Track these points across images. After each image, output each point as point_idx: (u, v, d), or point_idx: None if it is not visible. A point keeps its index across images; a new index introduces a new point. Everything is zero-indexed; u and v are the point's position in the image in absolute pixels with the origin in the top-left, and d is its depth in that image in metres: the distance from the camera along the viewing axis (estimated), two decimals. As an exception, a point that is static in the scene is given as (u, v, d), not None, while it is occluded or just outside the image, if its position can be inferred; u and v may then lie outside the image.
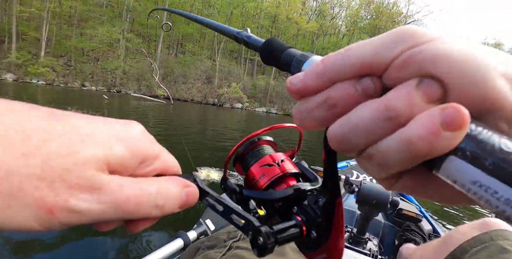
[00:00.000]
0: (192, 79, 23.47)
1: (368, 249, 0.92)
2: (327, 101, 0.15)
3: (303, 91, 0.16)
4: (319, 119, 0.16)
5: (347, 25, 34.21)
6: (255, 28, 28.34)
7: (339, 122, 0.15)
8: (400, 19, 31.45)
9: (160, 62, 24.35)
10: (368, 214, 0.91)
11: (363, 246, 0.94)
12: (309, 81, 0.16)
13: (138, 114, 8.54)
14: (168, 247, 0.78)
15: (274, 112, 24.94)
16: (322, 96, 0.16)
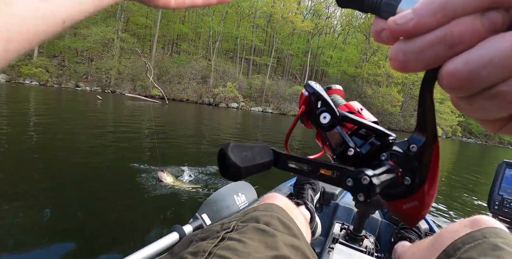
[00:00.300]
0: (187, 79, 23.40)
1: (365, 247, 0.93)
2: (447, 39, 0.14)
3: (415, 30, 0.15)
4: (431, 58, 0.15)
5: (342, 24, 34.33)
6: (250, 28, 28.33)
7: (464, 59, 0.13)
8: (395, 19, 31.66)
9: (155, 62, 24.24)
10: (365, 212, 0.91)
11: (359, 244, 0.94)
12: (425, 18, 0.14)
13: (132, 114, 8.49)
14: (163, 240, 0.78)
15: (270, 111, 24.96)
16: (440, 33, 0.14)
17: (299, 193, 1.10)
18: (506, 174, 0.87)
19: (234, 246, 0.45)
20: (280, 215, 0.55)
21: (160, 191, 2.30)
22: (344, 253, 0.77)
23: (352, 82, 29.87)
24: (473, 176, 6.67)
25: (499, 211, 0.85)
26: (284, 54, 32.21)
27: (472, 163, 10.43)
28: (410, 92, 30.72)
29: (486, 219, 0.57)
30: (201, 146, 4.73)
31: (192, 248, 0.47)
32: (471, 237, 0.53)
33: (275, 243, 0.47)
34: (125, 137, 4.49)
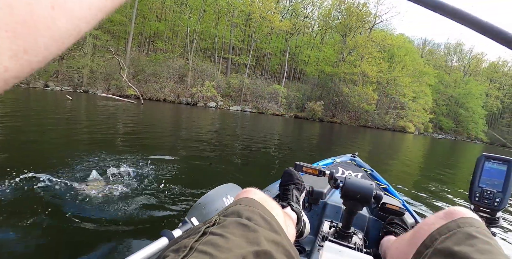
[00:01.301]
0: (164, 78, 22.93)
1: (354, 243, 0.94)
2: None
3: None
4: None
5: (319, 24, 34.86)
6: (228, 26, 28.16)
7: None
8: (370, 19, 32.52)
9: (130, 61, 23.57)
10: (353, 209, 0.92)
11: (349, 240, 0.95)
12: None
13: (105, 114, 8.24)
14: (152, 246, 0.76)
15: (249, 110, 24.98)
16: None
17: (284, 194, 1.10)
18: (485, 167, 0.89)
19: (216, 241, 0.44)
20: (261, 211, 0.56)
21: (148, 197, 2.22)
22: (334, 250, 0.78)
23: (329, 81, 30.46)
24: (448, 169, 7.01)
25: (479, 202, 0.88)
26: (263, 53, 32.30)
27: (445, 157, 10.96)
28: (384, 90, 31.75)
29: (460, 210, 0.60)
30: (177, 146, 4.59)
31: (175, 246, 0.46)
32: (447, 228, 0.56)
33: (256, 238, 0.47)
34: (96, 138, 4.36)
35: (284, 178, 1.16)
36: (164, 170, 3.03)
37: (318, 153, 6.33)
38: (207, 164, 3.58)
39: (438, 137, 36.76)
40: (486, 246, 0.48)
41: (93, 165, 2.82)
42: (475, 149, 21.66)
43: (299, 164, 1.02)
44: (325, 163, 2.04)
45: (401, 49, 32.90)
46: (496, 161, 0.88)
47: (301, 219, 0.96)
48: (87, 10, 0.17)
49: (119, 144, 4.05)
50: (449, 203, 3.60)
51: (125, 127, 6.13)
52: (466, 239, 0.51)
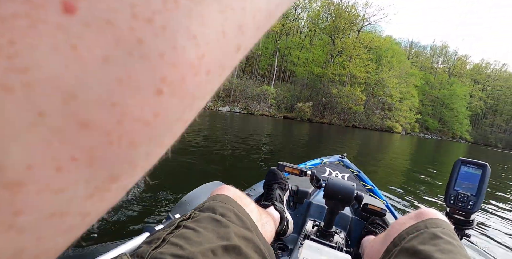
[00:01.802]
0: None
1: (335, 242, 0.96)
2: None
3: None
4: None
5: (309, 26, 35.14)
6: (218, 27, 28.07)
7: None
8: (358, 21, 32.99)
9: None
10: (334, 208, 0.93)
11: (330, 239, 0.97)
12: None
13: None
14: (133, 241, 0.75)
15: (238, 111, 25.01)
16: None
17: (268, 193, 1.11)
18: (461, 171, 0.92)
19: (188, 235, 0.46)
20: (236, 208, 0.58)
21: (133, 195, 2.20)
22: (312, 248, 0.80)
23: (318, 82, 30.77)
24: (434, 169, 7.13)
25: (454, 205, 0.89)
26: (252, 54, 32.38)
27: (432, 157, 11.18)
28: (372, 91, 32.30)
29: (430, 211, 0.63)
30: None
31: (148, 238, 0.48)
32: (415, 228, 0.59)
33: (227, 233, 0.49)
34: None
35: (268, 178, 1.18)
36: (151, 169, 3.07)
37: (307, 153, 6.40)
38: (194, 163, 3.59)
39: (424, 137, 37.63)
40: (448, 246, 0.51)
41: None
42: (460, 148, 22.25)
43: (282, 164, 1.03)
44: (313, 164, 2.05)
45: (389, 51, 33.49)
46: (472, 166, 0.91)
47: (284, 218, 0.98)
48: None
49: None
50: (432, 204, 3.68)
51: None
52: (430, 239, 0.53)
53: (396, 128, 31.95)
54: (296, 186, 1.34)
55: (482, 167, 0.89)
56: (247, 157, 4.68)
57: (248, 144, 6.15)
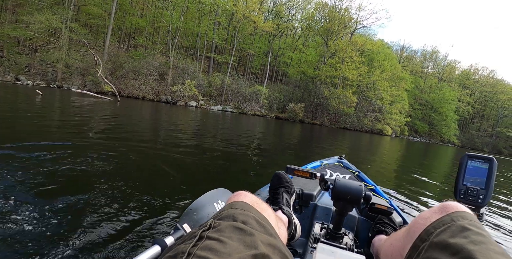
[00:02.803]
0: (144, 75, 22.39)
1: (345, 244, 0.94)
2: None
3: None
4: None
5: (302, 27, 35.28)
6: (211, 25, 27.94)
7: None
8: (351, 24, 33.27)
9: (108, 56, 22.86)
10: (343, 210, 0.92)
11: (340, 241, 0.96)
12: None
13: (75, 111, 7.92)
14: (144, 254, 0.73)
15: (230, 110, 24.86)
16: None
17: (274, 197, 1.10)
18: (468, 166, 0.92)
19: (214, 246, 0.44)
20: (255, 214, 0.56)
21: (135, 204, 2.07)
22: (327, 251, 0.78)
23: (310, 83, 30.88)
24: (425, 170, 7.29)
25: (464, 199, 0.90)
26: (246, 54, 32.30)
27: (422, 159, 11.39)
28: (363, 93, 32.59)
29: (453, 204, 0.62)
30: (157, 148, 4.35)
31: (171, 252, 0.45)
32: (441, 222, 0.57)
33: (253, 242, 0.47)
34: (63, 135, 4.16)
35: (274, 182, 1.17)
36: (146, 174, 2.86)
37: (303, 154, 6.36)
38: (191, 168, 3.46)
39: (414, 140, 38.17)
40: (479, 237, 0.50)
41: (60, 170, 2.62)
42: (447, 151, 22.66)
43: (290, 167, 1.02)
44: (313, 166, 2.06)
45: (380, 54, 33.90)
46: (479, 160, 0.91)
47: (292, 222, 0.96)
48: None
49: (91, 147, 3.74)
50: (430, 201, 3.72)
51: (98, 126, 5.78)
52: (460, 232, 0.52)
53: (386, 130, 32.31)
54: (301, 189, 1.32)
55: (489, 161, 0.90)
56: (244, 160, 4.57)
57: (244, 146, 6.03)
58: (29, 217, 1.68)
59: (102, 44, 25.12)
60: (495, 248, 0.48)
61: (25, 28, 20.20)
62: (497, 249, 0.48)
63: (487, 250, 0.47)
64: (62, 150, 3.30)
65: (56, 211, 1.78)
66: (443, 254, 0.49)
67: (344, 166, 2.15)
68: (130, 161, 3.32)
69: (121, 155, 3.54)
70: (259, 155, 5.22)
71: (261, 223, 0.54)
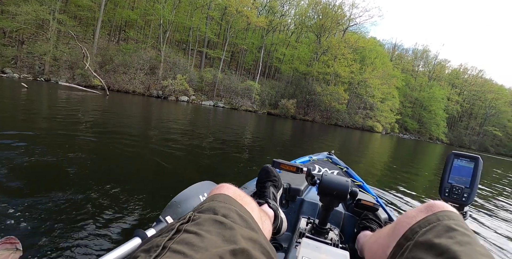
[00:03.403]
0: (134, 69, 22.04)
1: (330, 239, 0.94)
2: None
3: None
4: None
5: (295, 23, 35.21)
6: (204, 19, 27.63)
7: None
8: (344, 21, 33.34)
9: (98, 49, 22.42)
10: (329, 205, 0.92)
11: (325, 236, 0.95)
12: None
13: (61, 105, 7.76)
14: (124, 246, 0.70)
15: (222, 105, 24.76)
16: None
17: (261, 191, 1.09)
18: (454, 164, 0.93)
19: (191, 240, 0.42)
20: (237, 208, 0.54)
21: (117, 197, 2.02)
22: (311, 246, 0.77)
23: (302, 80, 30.95)
24: (414, 167, 7.42)
25: (449, 197, 0.91)
26: (238, 49, 32.11)
27: (411, 156, 11.59)
28: (355, 91, 32.82)
29: (440, 203, 0.61)
30: (146, 142, 4.27)
31: (146, 245, 0.43)
32: (427, 221, 0.56)
33: (233, 236, 0.45)
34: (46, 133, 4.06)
35: (261, 176, 1.16)
36: (133, 168, 2.81)
37: (293, 150, 6.38)
38: (180, 161, 3.43)
39: (403, 137, 38.71)
40: (465, 238, 0.49)
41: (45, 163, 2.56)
42: (436, 148, 23.10)
43: (277, 161, 1.02)
44: (302, 161, 2.06)
45: (372, 52, 34.13)
46: (464, 159, 0.92)
47: (278, 216, 0.95)
48: None
49: (77, 142, 3.65)
50: (416, 198, 3.77)
51: (84, 120, 5.64)
52: (445, 232, 0.52)
53: (377, 127, 32.67)
54: (288, 184, 1.31)
55: (475, 160, 0.90)
56: (234, 154, 4.55)
57: (234, 141, 6.03)
58: (11, 209, 1.64)
59: (92, 37, 24.58)
60: (481, 250, 0.47)
61: (11, 19, 19.58)
62: (483, 250, 0.47)
63: (473, 251, 0.46)
64: (45, 142, 3.23)
65: (38, 205, 1.74)
66: (428, 254, 0.48)
67: (332, 162, 2.16)
68: (115, 154, 3.27)
69: (107, 148, 3.49)
70: (248, 150, 5.21)
71: (243, 216, 0.53)
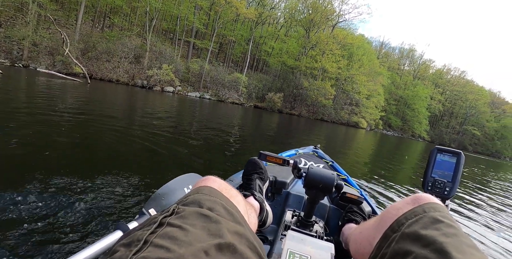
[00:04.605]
0: (118, 57, 21.42)
1: (315, 231, 0.95)
2: None
3: None
4: None
5: (285, 17, 35.05)
6: (192, 8, 27.08)
7: None
8: (333, 17, 33.45)
9: (80, 35, 21.62)
10: (315, 198, 0.92)
11: (310, 229, 0.96)
12: None
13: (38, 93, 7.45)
14: (105, 240, 0.68)
15: (208, 97, 24.52)
16: None
17: (247, 184, 1.09)
18: (437, 159, 0.95)
19: (174, 234, 0.40)
20: (223, 201, 0.53)
21: (99, 189, 1.95)
22: (296, 238, 0.77)
23: (290, 74, 30.99)
24: (396, 162, 7.65)
25: (431, 191, 0.92)
26: (227, 40, 31.72)
27: (393, 152, 11.91)
28: (342, 86, 33.18)
29: (426, 196, 0.61)
30: (131, 133, 4.11)
31: (126, 239, 0.41)
32: (413, 213, 0.56)
33: (219, 230, 0.44)
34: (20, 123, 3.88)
35: (248, 168, 1.16)
36: (116, 159, 2.73)
37: (279, 143, 6.41)
38: (164, 153, 3.36)
39: (387, 133, 39.61)
40: (451, 230, 0.50)
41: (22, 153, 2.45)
42: (418, 146, 23.84)
43: (263, 153, 1.01)
44: (288, 154, 2.08)
45: (360, 49, 34.49)
46: (447, 154, 0.94)
47: (264, 208, 0.95)
48: None
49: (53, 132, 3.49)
50: (399, 192, 3.90)
51: (64, 108, 5.38)
52: (431, 224, 0.52)
53: (361, 123, 33.25)
54: (274, 177, 1.32)
55: (457, 154, 0.93)
56: (220, 147, 4.51)
57: (220, 133, 5.96)
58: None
59: (75, 22, 23.66)
60: (467, 241, 0.47)
61: (-14, 1, 18.58)
62: (469, 242, 0.48)
63: (459, 242, 0.46)
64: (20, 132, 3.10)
65: (10, 198, 1.66)
66: (414, 246, 0.48)
67: (318, 156, 2.19)
68: (96, 145, 3.18)
69: (87, 139, 3.37)
70: (235, 143, 5.18)
71: (229, 210, 0.51)
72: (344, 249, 0.93)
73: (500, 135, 52.83)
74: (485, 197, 5.15)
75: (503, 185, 8.04)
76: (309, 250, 0.71)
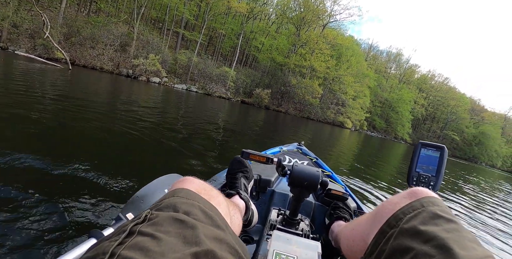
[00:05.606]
0: (103, 44, 20.79)
1: (301, 230, 0.94)
2: None
3: None
4: None
5: (277, 13, 34.99)
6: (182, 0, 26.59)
7: None
8: (324, 17, 33.66)
9: (64, 19, 20.82)
10: (300, 196, 0.91)
11: (296, 227, 0.95)
12: None
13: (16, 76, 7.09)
14: (76, 250, 0.61)
15: (195, 90, 24.22)
16: None
17: (231, 182, 1.07)
18: (421, 153, 0.95)
19: (145, 244, 0.35)
20: (201, 204, 0.49)
21: (73, 189, 1.76)
22: (282, 238, 0.75)
23: (279, 71, 31.03)
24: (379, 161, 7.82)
25: (416, 185, 0.92)
26: (217, 34, 31.38)
27: (377, 152, 12.16)
28: (329, 86, 33.53)
29: (423, 189, 0.58)
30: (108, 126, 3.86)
31: (91, 252, 0.36)
32: (411, 207, 0.54)
33: (195, 236, 0.40)
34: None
35: (232, 166, 1.14)
36: (92, 156, 2.46)
37: (265, 140, 6.37)
38: (145, 151, 3.16)
39: (371, 134, 40.41)
40: (451, 225, 0.48)
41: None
42: (400, 147, 24.46)
43: (246, 151, 0.99)
44: (273, 152, 2.07)
45: (349, 50, 34.94)
46: (431, 148, 0.95)
47: (250, 208, 0.93)
48: None
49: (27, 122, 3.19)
50: (382, 187, 3.97)
51: (40, 93, 5.05)
52: (431, 219, 0.50)
53: (347, 123, 33.77)
54: (259, 175, 1.29)
55: (440, 149, 0.94)
56: (204, 144, 4.29)
57: (205, 129, 5.75)
58: None
59: (59, 5, 22.75)
60: (468, 236, 0.46)
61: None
62: (470, 236, 0.46)
63: (460, 237, 0.45)
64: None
65: None
66: (414, 242, 0.47)
67: (302, 153, 2.18)
68: (72, 137, 2.95)
69: (63, 128, 3.15)
70: (219, 139, 5.04)
71: (207, 213, 0.47)
72: (331, 247, 0.92)
73: (478, 141, 54.96)
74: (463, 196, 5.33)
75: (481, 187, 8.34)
76: (296, 250, 0.70)
